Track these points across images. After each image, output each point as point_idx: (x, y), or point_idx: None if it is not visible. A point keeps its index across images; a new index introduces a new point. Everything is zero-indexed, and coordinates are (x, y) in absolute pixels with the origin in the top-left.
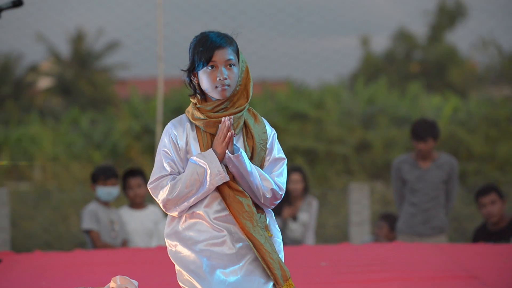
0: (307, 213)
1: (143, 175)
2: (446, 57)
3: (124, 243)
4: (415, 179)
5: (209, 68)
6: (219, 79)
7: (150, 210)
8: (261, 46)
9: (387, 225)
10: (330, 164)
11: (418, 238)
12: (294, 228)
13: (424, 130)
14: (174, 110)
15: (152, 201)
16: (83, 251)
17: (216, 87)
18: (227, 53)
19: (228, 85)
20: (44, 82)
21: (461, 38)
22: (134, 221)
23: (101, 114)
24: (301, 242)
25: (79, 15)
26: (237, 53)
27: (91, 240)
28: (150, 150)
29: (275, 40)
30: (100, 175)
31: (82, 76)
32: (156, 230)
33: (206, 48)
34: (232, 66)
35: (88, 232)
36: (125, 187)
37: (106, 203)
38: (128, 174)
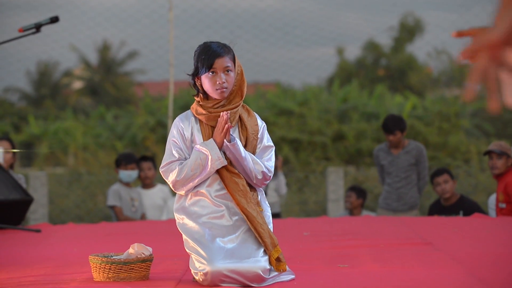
0: (275, 182)
1: (153, 160)
2: (406, 64)
3: (143, 217)
4: (388, 163)
5: (210, 73)
6: (219, 83)
7: (158, 188)
8: (255, 54)
9: (354, 193)
10: (311, 151)
11: (393, 213)
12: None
13: (392, 124)
14: (182, 107)
15: (160, 181)
16: (108, 223)
17: (216, 89)
18: (225, 61)
19: (226, 88)
20: (76, 85)
21: (419, 48)
22: (145, 199)
23: (123, 111)
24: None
25: (105, 29)
26: (233, 59)
27: (115, 214)
28: (163, 140)
29: (266, 50)
30: (122, 161)
31: (107, 79)
32: (166, 206)
33: (208, 56)
34: (229, 71)
35: (112, 207)
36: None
37: (127, 184)
38: (140, 159)
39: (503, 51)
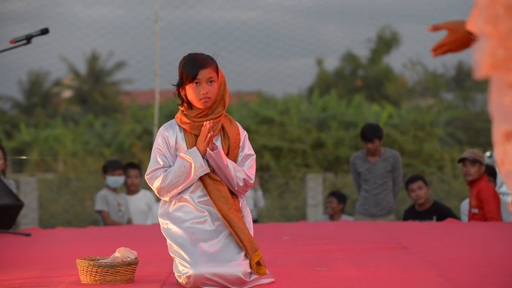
0: (253, 195)
1: (140, 169)
2: (383, 74)
3: (129, 221)
4: (366, 170)
5: (194, 84)
6: (202, 93)
7: (141, 193)
8: (238, 65)
9: (335, 199)
10: (292, 158)
11: (371, 218)
12: None
13: (371, 133)
14: (167, 116)
15: (144, 187)
16: (95, 227)
17: (200, 99)
18: (209, 72)
19: (209, 98)
20: (66, 94)
21: (395, 60)
22: (130, 204)
23: (110, 119)
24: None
25: (94, 40)
26: (216, 70)
27: (102, 219)
28: (149, 147)
29: (249, 60)
30: (110, 167)
31: (96, 89)
32: (151, 211)
33: (192, 67)
34: (213, 82)
35: (100, 212)
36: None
37: (114, 190)
38: (128, 166)
39: None
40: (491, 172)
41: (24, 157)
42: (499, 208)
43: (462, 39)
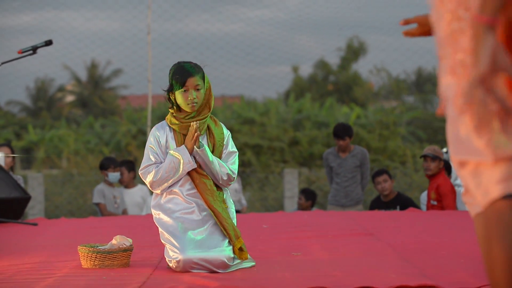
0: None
1: (129, 165)
2: (352, 80)
3: (124, 212)
4: (337, 165)
5: (183, 90)
6: (190, 99)
7: (138, 187)
8: (222, 72)
9: (303, 196)
10: (271, 155)
11: (342, 208)
12: None
13: (343, 131)
14: (159, 117)
15: (141, 182)
16: (94, 218)
17: (188, 104)
18: (196, 80)
19: (196, 103)
20: (69, 98)
21: (362, 67)
22: (127, 197)
23: (108, 121)
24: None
25: (93, 51)
26: (203, 77)
27: (100, 210)
28: (143, 146)
29: (232, 68)
30: (111, 165)
31: (95, 93)
32: (145, 203)
33: (181, 75)
34: (199, 89)
35: (97, 204)
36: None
37: (110, 184)
38: (121, 163)
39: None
40: (447, 166)
41: (32, 155)
42: (455, 200)
43: (430, 32)
